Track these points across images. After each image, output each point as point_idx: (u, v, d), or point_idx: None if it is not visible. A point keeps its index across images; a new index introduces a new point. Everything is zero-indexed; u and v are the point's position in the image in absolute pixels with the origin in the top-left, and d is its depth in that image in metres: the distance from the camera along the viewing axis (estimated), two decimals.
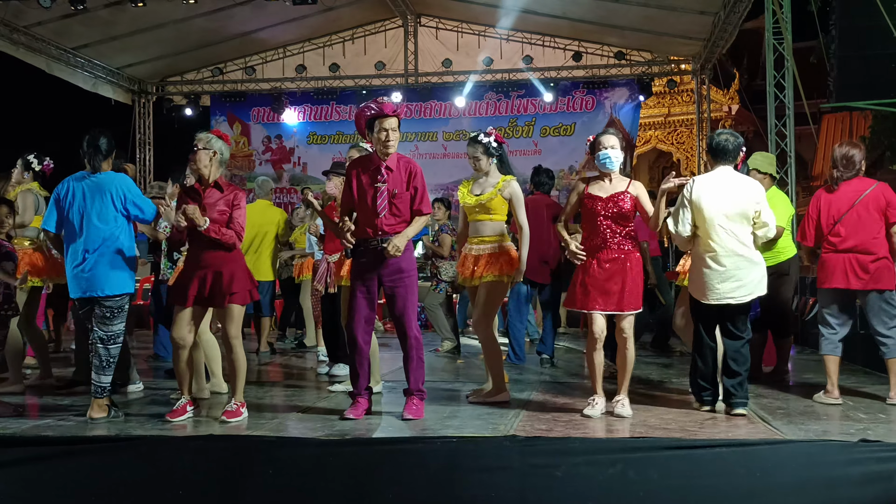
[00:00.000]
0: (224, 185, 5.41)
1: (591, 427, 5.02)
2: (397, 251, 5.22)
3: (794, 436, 4.68)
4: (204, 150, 5.34)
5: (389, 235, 5.28)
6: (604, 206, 5.41)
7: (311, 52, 16.72)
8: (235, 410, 5.30)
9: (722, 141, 5.41)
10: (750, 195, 5.31)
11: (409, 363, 5.40)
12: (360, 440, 4.70)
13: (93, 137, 5.55)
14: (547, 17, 14.56)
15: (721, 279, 5.27)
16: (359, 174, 5.40)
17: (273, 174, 17.13)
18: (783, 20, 10.28)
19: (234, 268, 5.34)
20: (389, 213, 5.30)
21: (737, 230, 5.28)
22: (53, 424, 5.27)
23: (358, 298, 5.37)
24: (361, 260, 5.39)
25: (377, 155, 5.38)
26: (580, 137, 15.79)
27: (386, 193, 5.30)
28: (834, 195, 5.91)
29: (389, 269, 5.31)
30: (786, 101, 10.55)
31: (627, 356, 5.44)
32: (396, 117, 5.37)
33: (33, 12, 12.10)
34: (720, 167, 5.40)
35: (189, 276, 5.31)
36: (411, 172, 5.39)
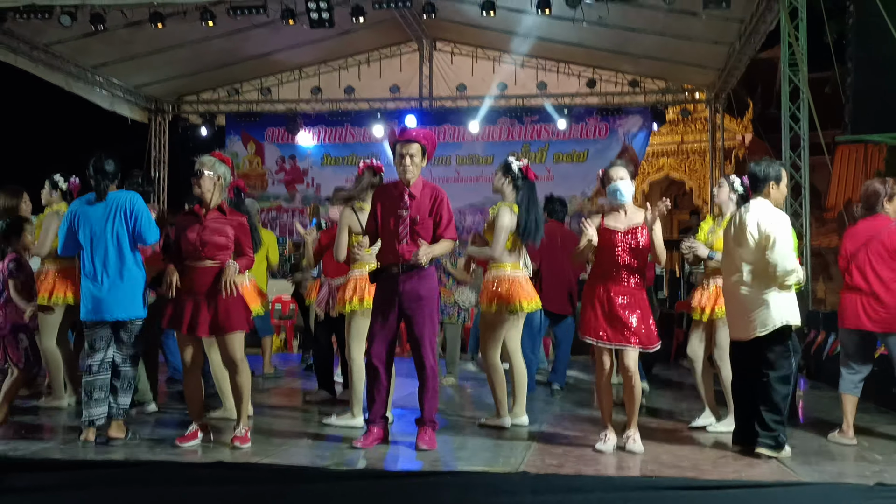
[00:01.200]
0: (227, 210, 5.41)
1: (603, 463, 4.98)
2: (416, 259, 5.20)
3: (808, 477, 4.64)
4: (209, 175, 5.33)
5: (410, 262, 5.27)
6: (622, 238, 5.38)
7: (326, 74, 16.80)
8: (244, 436, 5.30)
9: (755, 169, 5.36)
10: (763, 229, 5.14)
11: (425, 393, 5.37)
12: (371, 473, 4.67)
13: (98, 160, 5.53)
14: (562, 44, 14.60)
15: (734, 315, 5.25)
16: (383, 201, 5.42)
17: (286, 194, 17.20)
18: (798, 51, 10.27)
19: (228, 296, 5.25)
20: (410, 239, 5.29)
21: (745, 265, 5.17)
22: (63, 447, 5.27)
23: (378, 325, 5.37)
24: (381, 285, 5.39)
25: (401, 181, 5.38)
26: (593, 164, 15.79)
27: (408, 221, 5.30)
28: (853, 232, 5.89)
29: (409, 296, 5.30)
30: (800, 132, 10.52)
31: (634, 391, 5.39)
32: (418, 143, 5.37)
33: (53, 31, 12.20)
34: (753, 200, 5.32)
35: (185, 301, 5.26)
36: (436, 199, 5.39)
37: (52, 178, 6.97)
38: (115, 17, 11.61)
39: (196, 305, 5.22)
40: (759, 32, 11.65)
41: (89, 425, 5.39)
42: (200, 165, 5.36)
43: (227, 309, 5.24)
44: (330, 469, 4.69)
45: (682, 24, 12.34)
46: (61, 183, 6.93)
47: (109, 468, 4.82)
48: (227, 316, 5.23)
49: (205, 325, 5.22)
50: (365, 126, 16.66)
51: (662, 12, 11.74)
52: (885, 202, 5.83)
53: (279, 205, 17.11)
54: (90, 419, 5.40)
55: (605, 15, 10.92)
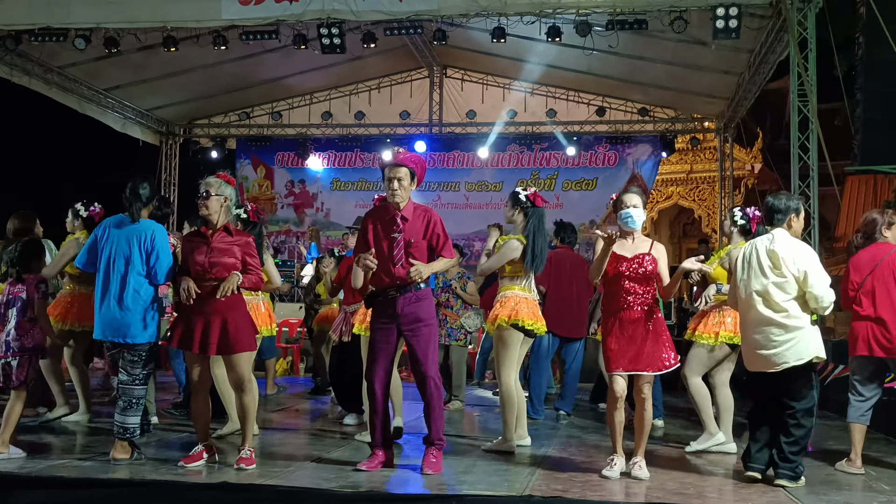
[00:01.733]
0: (233, 231, 5.44)
1: (608, 489, 4.95)
2: (418, 275, 5.23)
3: None
4: (216, 197, 5.37)
5: (407, 285, 5.29)
6: (628, 265, 5.38)
7: (337, 99, 16.93)
8: (250, 457, 5.29)
9: (770, 202, 5.36)
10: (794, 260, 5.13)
11: (431, 412, 5.35)
12: (376, 496, 4.64)
13: (135, 185, 5.59)
14: (572, 73, 14.70)
15: (760, 347, 5.16)
16: (375, 223, 5.44)
17: (295, 218, 17.28)
18: (808, 82, 10.30)
19: (236, 316, 5.32)
20: (406, 262, 5.30)
21: (775, 296, 5.13)
22: (69, 465, 5.28)
23: (376, 348, 5.37)
24: (379, 309, 5.41)
25: (392, 205, 5.41)
26: (602, 192, 15.84)
27: (402, 243, 5.32)
28: (857, 262, 5.89)
29: (407, 319, 5.31)
30: (810, 163, 10.53)
31: (645, 417, 5.37)
32: (405, 167, 5.38)
33: (67, 53, 12.34)
34: (774, 230, 5.31)
35: (192, 321, 5.27)
36: (429, 221, 5.41)
37: (74, 208, 7.12)
38: (129, 41, 11.73)
39: (206, 325, 5.24)
40: (769, 63, 11.71)
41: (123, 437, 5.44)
42: (207, 186, 5.39)
43: (237, 329, 5.27)
44: (334, 491, 4.67)
45: (691, 53, 12.42)
46: (82, 211, 7.03)
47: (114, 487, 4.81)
48: (236, 336, 5.26)
49: (214, 344, 5.24)
50: (375, 151, 16.75)
51: (672, 42, 11.82)
52: (884, 230, 5.89)
53: (288, 228, 17.20)
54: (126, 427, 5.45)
55: (615, 44, 10.98)
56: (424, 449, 5.36)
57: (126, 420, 5.41)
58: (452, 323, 8.87)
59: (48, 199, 7.18)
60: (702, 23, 10.36)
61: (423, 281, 5.35)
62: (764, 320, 5.15)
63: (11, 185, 16.60)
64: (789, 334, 5.10)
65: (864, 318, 5.76)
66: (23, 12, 10.93)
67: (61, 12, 10.88)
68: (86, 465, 5.27)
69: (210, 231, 5.38)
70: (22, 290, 5.71)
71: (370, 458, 5.32)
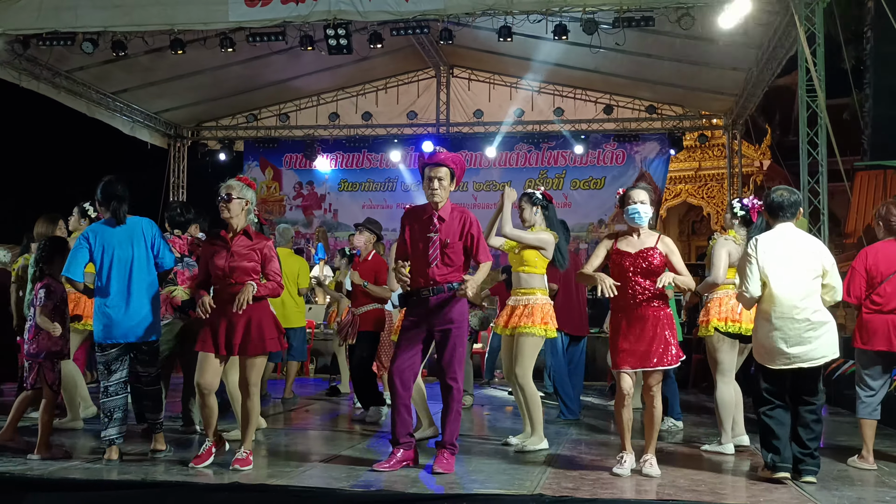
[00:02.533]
0: (252, 234, 5.44)
1: (619, 487, 4.93)
2: (472, 289, 5.22)
3: (827, 502, 4.58)
4: (238, 200, 5.38)
5: (441, 285, 5.29)
6: (632, 261, 5.36)
7: (344, 100, 16.95)
8: (246, 458, 5.28)
9: (777, 198, 5.28)
10: (817, 254, 5.15)
11: (449, 415, 5.34)
12: (387, 496, 4.64)
13: (110, 186, 5.61)
14: (579, 71, 14.67)
15: (791, 343, 5.05)
16: (412, 224, 5.45)
17: (303, 219, 17.30)
18: (816, 77, 10.26)
19: (261, 316, 5.35)
20: (441, 262, 5.31)
21: (804, 290, 5.08)
22: (80, 467, 5.29)
23: (405, 347, 5.37)
24: (413, 309, 5.40)
25: (430, 204, 5.41)
26: (610, 190, 15.79)
27: (438, 243, 5.32)
28: (879, 254, 5.82)
29: (440, 319, 5.31)
30: (819, 159, 10.49)
31: (655, 414, 5.35)
32: (447, 167, 5.39)
33: (76, 57, 12.37)
34: (780, 224, 5.26)
35: (218, 324, 5.30)
36: (465, 222, 5.40)
37: (81, 206, 7.08)
38: (137, 44, 11.76)
39: (230, 326, 5.26)
40: (777, 58, 11.67)
41: (110, 444, 5.47)
42: (228, 189, 5.40)
43: (260, 328, 5.29)
44: (345, 491, 4.67)
45: (699, 50, 12.38)
46: (90, 211, 7.02)
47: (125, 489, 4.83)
48: (259, 336, 5.28)
49: (236, 345, 5.27)
50: (382, 152, 16.79)
51: (680, 39, 11.78)
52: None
53: (297, 230, 17.18)
54: (110, 439, 5.47)
55: (622, 41, 10.96)
56: (436, 451, 5.35)
57: (153, 416, 5.59)
58: None
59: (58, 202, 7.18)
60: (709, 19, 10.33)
61: (458, 283, 5.32)
62: (796, 315, 5.04)
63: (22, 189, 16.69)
64: (821, 329, 5.06)
65: (886, 312, 5.71)
66: (31, 17, 10.96)
67: (69, 16, 10.90)
68: (96, 468, 5.28)
69: (230, 235, 5.40)
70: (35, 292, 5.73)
71: (388, 458, 5.30)
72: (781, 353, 5.05)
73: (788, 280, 5.08)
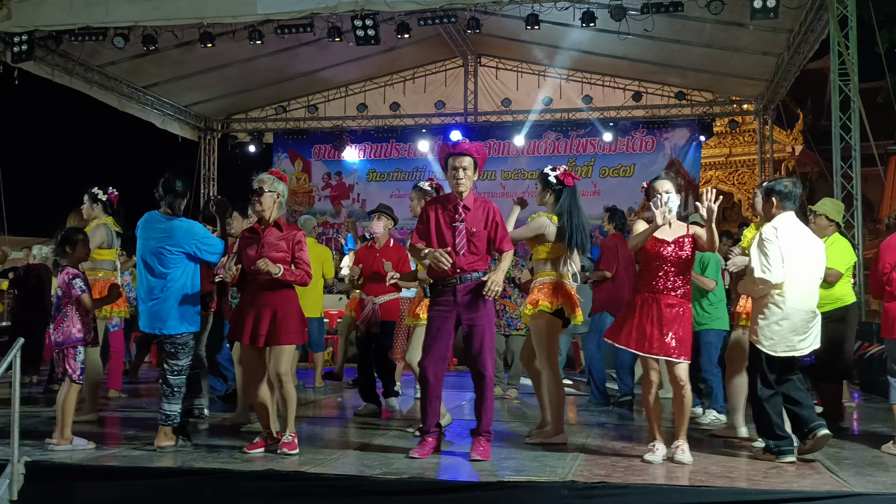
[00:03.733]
0: (284, 226, 5.51)
1: (652, 473, 4.94)
2: (497, 286, 5.25)
3: (862, 488, 4.55)
4: (269, 193, 5.45)
5: (468, 273, 5.33)
6: (667, 248, 5.36)
7: (372, 90, 16.99)
8: (292, 442, 5.37)
9: (790, 185, 5.33)
10: (820, 246, 5.31)
11: (483, 403, 5.38)
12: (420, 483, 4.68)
13: (168, 181, 5.71)
14: (607, 58, 14.59)
15: (798, 331, 5.14)
16: (437, 212, 5.46)
17: (332, 210, 17.39)
18: (849, 61, 10.13)
19: (288, 309, 5.42)
20: (468, 251, 5.33)
21: (811, 283, 5.20)
22: (119, 454, 5.39)
23: (433, 336, 5.40)
24: (439, 298, 5.43)
25: (453, 194, 5.43)
26: (639, 178, 15.69)
27: (465, 232, 5.34)
28: (891, 242, 5.80)
29: (468, 309, 5.34)
30: (852, 143, 10.37)
31: (684, 401, 5.35)
32: (470, 156, 5.41)
33: (107, 52, 12.54)
34: (787, 213, 5.28)
35: (246, 314, 5.41)
36: (489, 211, 5.44)
37: (91, 192, 7.11)
38: (167, 38, 11.88)
39: (258, 317, 5.35)
40: (809, 42, 11.53)
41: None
42: (260, 183, 5.47)
43: (286, 320, 5.36)
44: (378, 478, 4.72)
45: (729, 35, 12.27)
46: (101, 195, 7.08)
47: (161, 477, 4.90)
48: (284, 327, 5.35)
49: (263, 336, 5.34)
50: (410, 142, 16.82)
51: (709, 24, 11.69)
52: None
53: (325, 220, 17.29)
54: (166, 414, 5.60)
55: (651, 27, 10.89)
56: (472, 439, 5.38)
57: (168, 407, 5.56)
58: (512, 313, 8.84)
59: None
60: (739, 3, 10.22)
61: (484, 271, 5.36)
62: (805, 305, 5.15)
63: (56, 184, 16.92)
64: (816, 319, 5.23)
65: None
66: (63, 13, 11.11)
67: (100, 11, 11.03)
68: (134, 455, 5.38)
69: (262, 227, 5.47)
70: (62, 281, 5.79)
71: (421, 445, 5.37)
72: (788, 342, 5.15)
73: (802, 270, 5.15)
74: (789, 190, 5.33)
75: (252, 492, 4.73)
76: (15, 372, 4.84)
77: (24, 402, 5.82)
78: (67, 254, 5.84)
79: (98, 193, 7.11)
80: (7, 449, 4.80)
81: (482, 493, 4.54)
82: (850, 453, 5.63)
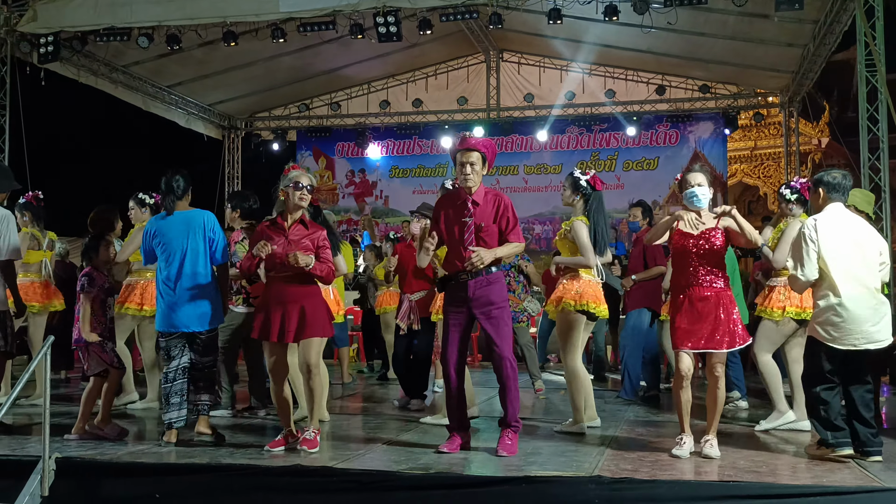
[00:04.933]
0: (308, 223, 5.53)
1: (679, 469, 4.91)
2: (480, 261, 5.22)
3: (892, 483, 4.49)
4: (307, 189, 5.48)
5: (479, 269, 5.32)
6: (695, 243, 5.32)
7: (394, 87, 17.02)
8: (313, 440, 5.37)
9: (839, 176, 5.25)
10: (873, 234, 5.19)
11: (508, 394, 5.37)
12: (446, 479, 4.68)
13: (167, 178, 5.77)
14: (630, 51, 14.52)
15: (858, 322, 4.99)
16: (446, 210, 5.49)
17: (355, 207, 17.44)
18: (876, 51, 10.01)
19: (315, 302, 5.44)
20: (477, 246, 5.33)
21: (868, 271, 5.07)
22: (148, 451, 5.44)
23: (450, 331, 5.41)
24: (451, 293, 5.45)
25: (463, 189, 5.44)
26: (663, 172, 15.67)
27: (473, 227, 5.34)
28: None
29: (479, 302, 5.33)
30: (879, 135, 10.25)
31: (718, 395, 5.31)
32: (477, 151, 5.40)
33: (132, 52, 12.65)
34: (834, 204, 5.21)
35: (272, 311, 5.41)
36: (499, 205, 5.42)
37: (138, 197, 7.25)
38: (190, 38, 11.96)
39: (284, 313, 5.36)
40: (834, 33, 11.40)
41: (169, 428, 5.60)
42: (308, 180, 5.51)
43: (314, 313, 5.38)
44: (405, 474, 4.73)
45: (753, 27, 12.17)
46: (147, 199, 7.19)
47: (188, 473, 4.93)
48: (312, 320, 5.37)
49: (292, 332, 5.36)
50: (433, 138, 16.84)
51: (733, 16, 11.59)
52: None
53: (349, 217, 17.36)
54: (169, 422, 5.61)
55: (674, 20, 10.80)
56: (500, 431, 5.38)
57: (201, 397, 5.70)
58: (514, 307, 8.84)
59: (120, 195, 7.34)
60: None
61: (495, 264, 5.36)
62: (865, 295, 5.02)
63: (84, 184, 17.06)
64: (883, 309, 5.06)
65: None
66: (88, 14, 11.22)
67: (125, 12, 11.14)
68: (162, 451, 5.43)
69: (288, 223, 5.49)
70: None
71: (449, 441, 5.37)
72: (850, 333, 4.99)
73: (856, 260, 5.04)
74: (838, 181, 5.23)
75: (279, 487, 4.76)
76: (45, 369, 4.89)
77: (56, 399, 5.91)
78: (91, 258, 5.97)
79: (145, 198, 7.21)
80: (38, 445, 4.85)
81: (509, 487, 4.52)
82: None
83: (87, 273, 5.91)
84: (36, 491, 4.66)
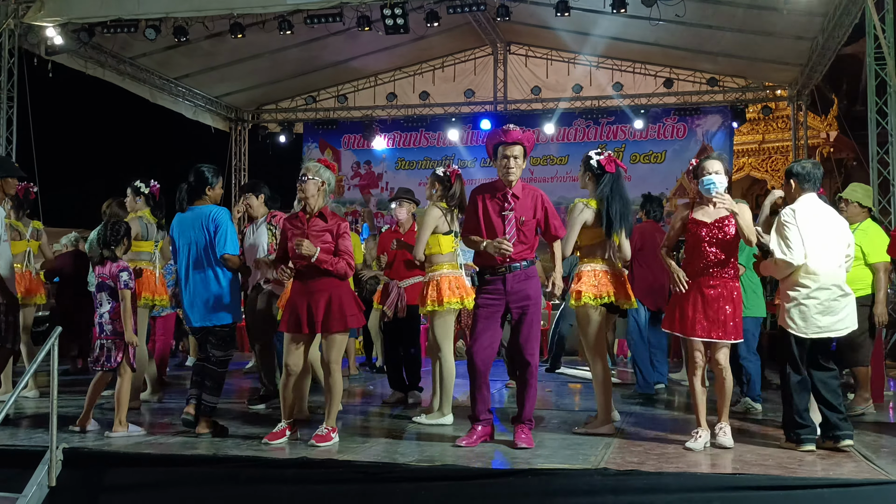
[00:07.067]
0: (328, 215, 5.49)
1: (685, 461, 4.90)
2: (558, 289, 5.39)
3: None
4: (312, 181, 5.44)
5: (517, 262, 5.30)
6: (708, 231, 5.31)
7: (401, 80, 17.00)
8: (326, 435, 5.35)
9: (809, 166, 5.30)
10: (844, 225, 5.29)
11: (527, 391, 5.35)
12: (452, 471, 4.69)
13: (190, 174, 5.85)
14: (638, 44, 14.47)
15: (824, 311, 5.10)
16: (485, 200, 5.42)
17: (360, 199, 17.44)
18: (885, 44, 9.97)
19: (342, 293, 5.42)
20: (518, 240, 5.31)
21: (837, 262, 5.17)
22: (155, 442, 5.46)
23: (482, 323, 5.38)
24: (488, 286, 5.41)
25: (502, 182, 5.40)
26: (671, 165, 15.63)
27: (514, 221, 5.33)
28: None
29: (517, 296, 5.33)
30: (888, 128, 10.21)
31: (725, 384, 5.33)
32: (521, 145, 5.36)
33: (139, 44, 12.65)
34: (808, 195, 5.25)
35: (299, 303, 5.40)
36: (538, 199, 5.43)
37: (133, 185, 7.18)
38: (197, 30, 11.97)
39: (311, 306, 5.36)
40: (843, 26, 11.35)
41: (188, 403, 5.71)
42: (305, 171, 5.49)
43: (341, 304, 5.37)
44: (411, 466, 4.73)
45: (761, 19, 12.11)
46: (143, 188, 7.14)
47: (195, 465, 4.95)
48: (340, 312, 5.36)
49: (319, 322, 5.35)
50: (440, 130, 16.81)
51: (741, 8, 11.55)
52: None
53: (355, 209, 17.34)
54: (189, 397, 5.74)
55: (682, 13, 10.78)
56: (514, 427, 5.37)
57: (205, 397, 5.65)
58: None
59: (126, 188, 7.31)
60: None
61: (531, 260, 5.37)
62: (832, 284, 5.12)
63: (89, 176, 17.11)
64: (847, 299, 5.17)
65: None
66: (95, 5, 11.22)
67: (132, 3, 11.13)
68: (171, 442, 5.45)
69: (307, 216, 5.48)
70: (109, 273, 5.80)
71: (469, 433, 5.35)
72: (815, 323, 5.11)
73: (825, 250, 5.12)
74: (808, 171, 5.27)
75: (286, 478, 4.77)
76: (53, 360, 4.91)
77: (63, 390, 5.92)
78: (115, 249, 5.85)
79: (140, 187, 7.18)
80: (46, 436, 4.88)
81: (515, 479, 4.53)
82: (887, 441, 5.55)
83: (126, 268, 5.80)
84: (43, 481, 4.69)
